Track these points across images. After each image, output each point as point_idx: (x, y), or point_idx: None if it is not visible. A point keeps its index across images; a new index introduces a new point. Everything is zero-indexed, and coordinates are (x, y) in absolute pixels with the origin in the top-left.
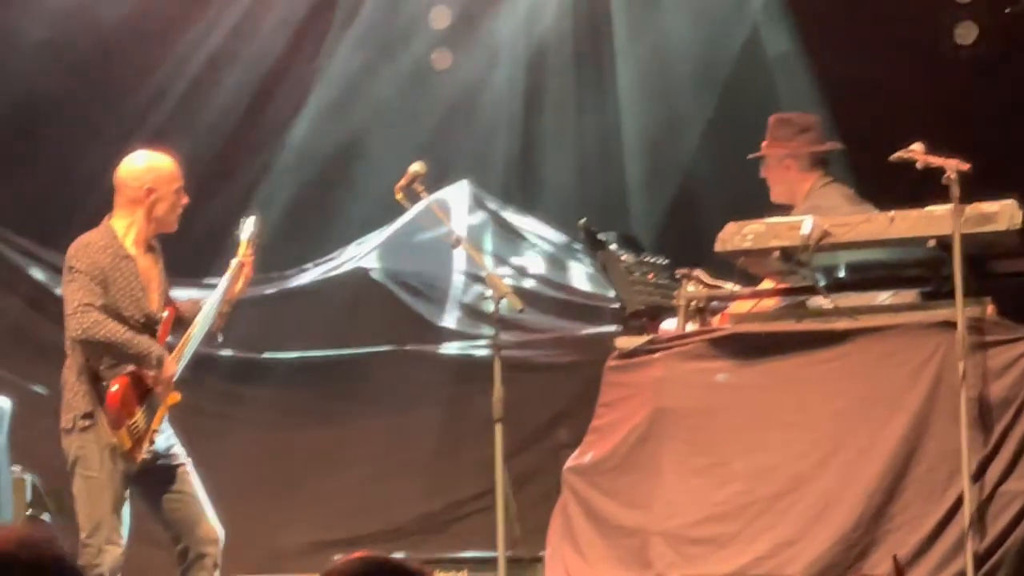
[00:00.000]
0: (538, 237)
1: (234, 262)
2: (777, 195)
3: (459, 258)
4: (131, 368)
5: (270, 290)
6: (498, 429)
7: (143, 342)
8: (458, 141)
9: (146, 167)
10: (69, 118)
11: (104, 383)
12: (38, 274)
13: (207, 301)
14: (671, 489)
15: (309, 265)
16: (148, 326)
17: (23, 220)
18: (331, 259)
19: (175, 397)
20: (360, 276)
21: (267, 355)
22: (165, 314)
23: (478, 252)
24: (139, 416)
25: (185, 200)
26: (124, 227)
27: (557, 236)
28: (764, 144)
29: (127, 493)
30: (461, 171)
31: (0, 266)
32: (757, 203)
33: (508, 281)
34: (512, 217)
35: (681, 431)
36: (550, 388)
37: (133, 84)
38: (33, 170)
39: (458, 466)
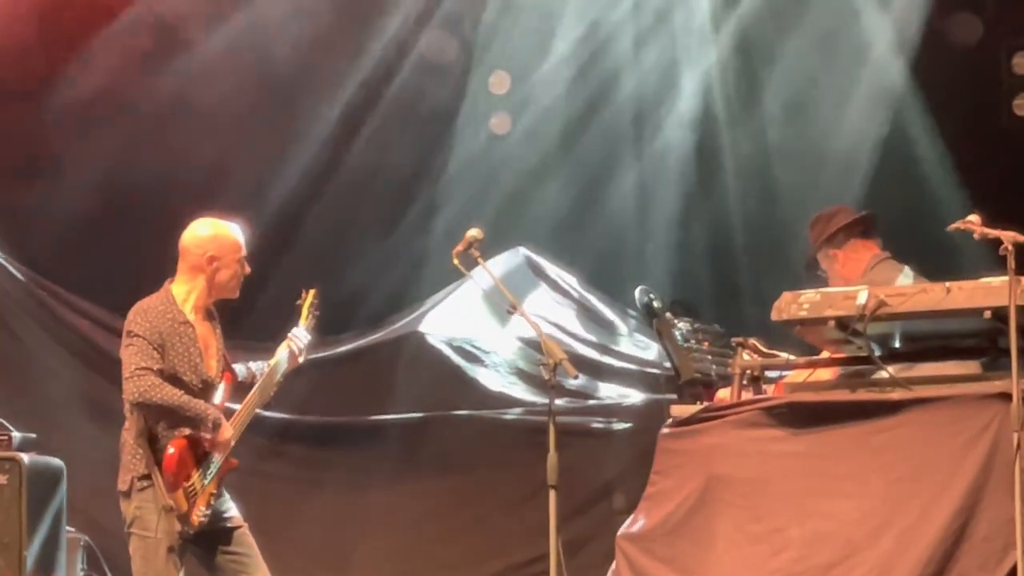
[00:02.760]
0: (593, 303)
1: (294, 332)
2: None
3: (514, 323)
4: (188, 431)
5: (327, 353)
6: (552, 495)
7: (199, 405)
8: (516, 208)
9: (211, 235)
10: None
11: (161, 445)
12: (104, 340)
13: (267, 370)
14: (725, 556)
15: (366, 329)
16: (205, 391)
17: (89, 286)
18: (388, 323)
19: (232, 463)
20: (416, 340)
21: (323, 418)
22: (222, 379)
23: (533, 318)
24: (195, 478)
25: (247, 270)
26: (184, 292)
27: (612, 302)
28: (811, 254)
29: (184, 555)
30: (518, 237)
31: (69, 334)
32: None
33: (563, 347)
34: (568, 283)
35: (735, 498)
36: (604, 454)
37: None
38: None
39: (512, 531)
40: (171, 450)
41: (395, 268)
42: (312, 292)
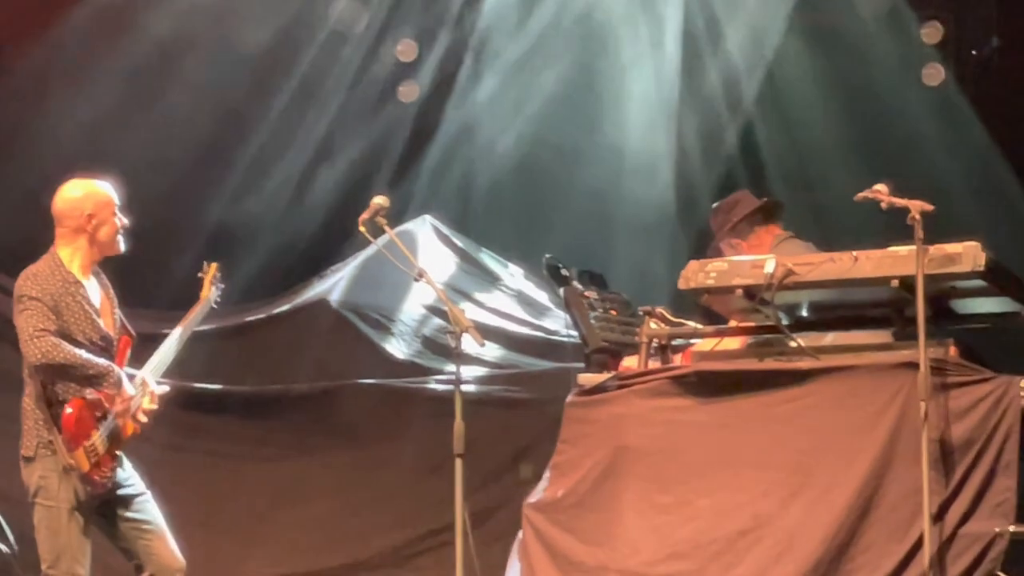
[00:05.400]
0: (501, 272)
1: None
2: None
3: (421, 292)
4: (88, 391)
5: (233, 322)
6: (459, 464)
7: (102, 363)
8: (424, 175)
9: (83, 195)
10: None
11: (60, 408)
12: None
13: (169, 337)
14: (632, 526)
15: (273, 297)
16: (105, 348)
17: None
18: (295, 292)
19: (135, 427)
20: (323, 309)
21: (229, 387)
22: (120, 342)
23: (440, 286)
24: (96, 438)
25: (125, 222)
26: (69, 255)
27: (520, 271)
28: (715, 244)
29: (88, 522)
30: (424, 205)
31: None
32: None
33: (470, 316)
34: (474, 251)
35: (642, 468)
36: (512, 424)
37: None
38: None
39: (418, 501)
40: (69, 410)
41: (301, 236)
42: (214, 265)
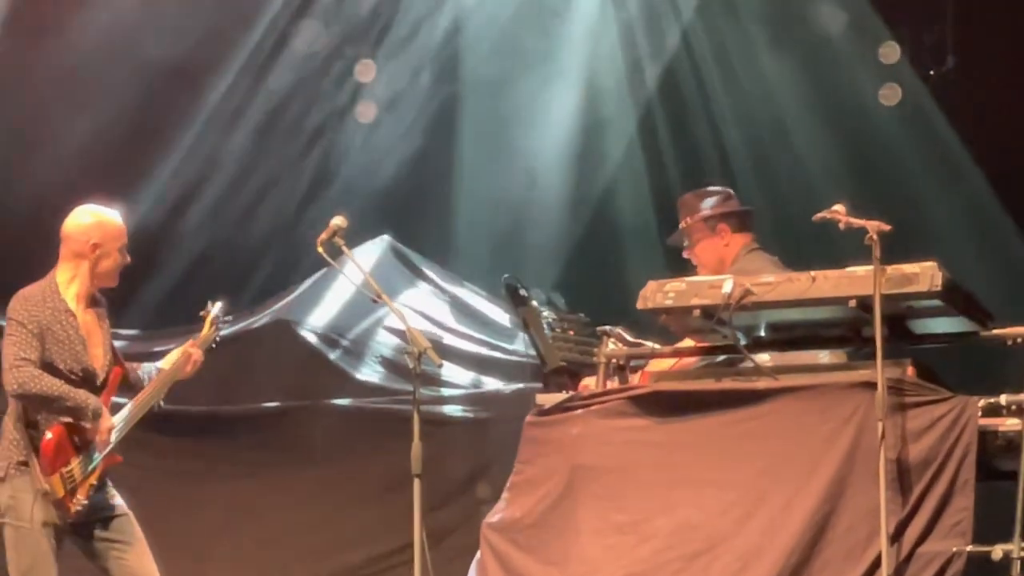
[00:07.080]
0: (458, 291)
1: (188, 347)
2: (708, 270)
3: (379, 312)
4: (69, 419)
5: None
6: (417, 484)
7: (79, 395)
8: (385, 196)
9: (94, 222)
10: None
11: (41, 431)
12: None
13: (155, 375)
14: (589, 546)
15: (230, 317)
16: (87, 380)
17: None
18: (253, 311)
19: (116, 459)
20: (281, 328)
21: (187, 407)
22: (111, 373)
23: (398, 306)
24: (74, 465)
25: (128, 259)
26: (67, 280)
27: (479, 291)
28: (687, 221)
29: (61, 544)
30: (384, 226)
31: None
32: None
33: (428, 336)
34: (433, 272)
35: (600, 488)
36: (470, 443)
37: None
38: None
39: (377, 520)
40: (49, 435)
41: (264, 257)
42: (218, 304)
